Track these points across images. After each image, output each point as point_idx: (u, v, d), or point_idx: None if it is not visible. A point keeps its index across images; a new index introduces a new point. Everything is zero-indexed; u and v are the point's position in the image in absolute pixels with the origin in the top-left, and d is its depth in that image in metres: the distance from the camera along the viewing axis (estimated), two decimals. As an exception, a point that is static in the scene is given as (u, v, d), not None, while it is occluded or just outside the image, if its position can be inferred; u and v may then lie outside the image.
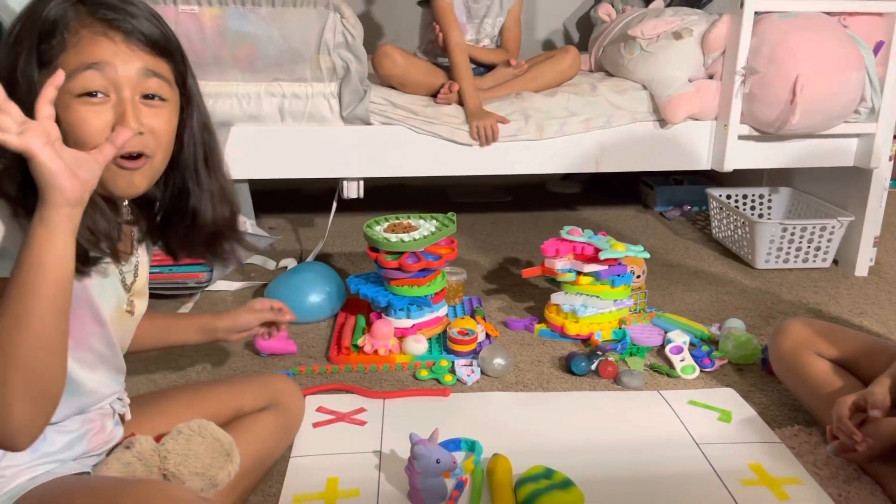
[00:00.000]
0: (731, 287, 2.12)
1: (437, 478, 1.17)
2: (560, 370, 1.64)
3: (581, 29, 3.20)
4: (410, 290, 1.69)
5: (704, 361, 1.64)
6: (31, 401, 0.79)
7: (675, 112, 2.12)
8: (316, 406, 1.46)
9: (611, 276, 1.73)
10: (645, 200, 2.96)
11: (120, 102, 0.85)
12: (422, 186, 3.10)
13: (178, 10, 1.89)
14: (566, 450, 1.33)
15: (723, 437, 1.39)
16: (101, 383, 0.99)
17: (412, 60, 2.17)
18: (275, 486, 1.23)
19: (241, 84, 2.00)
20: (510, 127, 2.10)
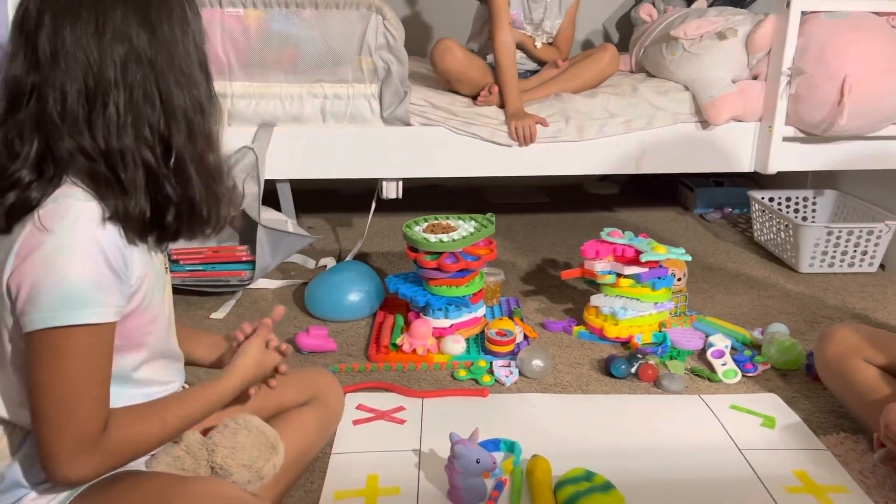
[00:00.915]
0: (774, 291, 2.09)
1: (477, 478, 1.18)
2: (599, 373, 1.63)
3: (621, 29, 3.17)
4: (449, 291, 1.70)
5: (747, 366, 1.62)
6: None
7: (719, 113, 2.09)
8: (356, 404, 1.47)
9: (651, 278, 1.72)
10: (685, 202, 2.93)
11: None
12: (458, 187, 3.10)
13: (223, 13, 1.92)
14: (606, 452, 1.33)
15: (766, 443, 1.37)
16: (163, 374, 1.02)
17: (471, 57, 2.18)
18: (316, 481, 1.24)
19: (283, 85, 2.03)
20: (550, 128, 2.10)
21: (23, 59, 0.82)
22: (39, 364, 0.82)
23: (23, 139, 0.83)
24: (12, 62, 0.83)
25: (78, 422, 0.82)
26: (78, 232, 0.82)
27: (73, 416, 0.82)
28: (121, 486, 0.90)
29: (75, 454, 0.83)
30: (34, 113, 0.82)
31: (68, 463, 0.83)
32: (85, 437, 0.83)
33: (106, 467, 0.87)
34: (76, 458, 0.83)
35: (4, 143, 0.84)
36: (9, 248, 0.83)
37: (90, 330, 0.82)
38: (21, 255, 0.81)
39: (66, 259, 0.80)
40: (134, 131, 0.84)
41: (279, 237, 2.02)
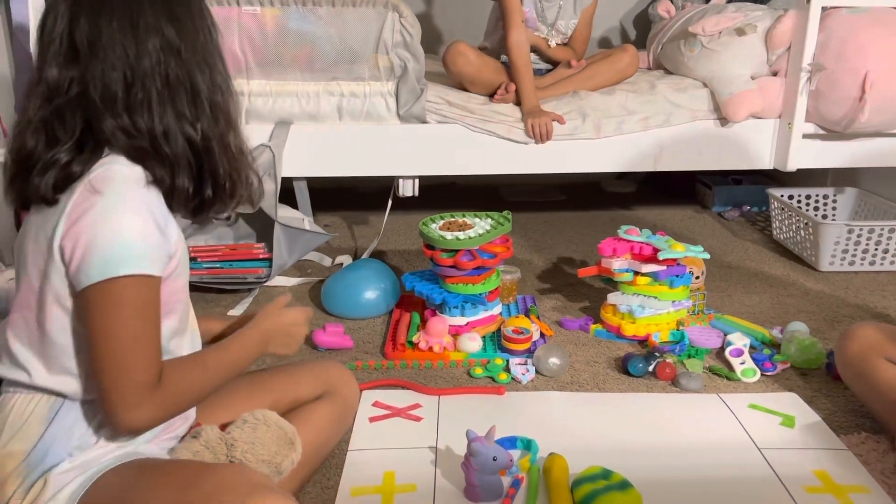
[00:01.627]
0: (794, 290, 2.07)
1: (494, 475, 1.17)
2: (616, 371, 1.62)
3: (638, 26, 3.16)
4: (465, 288, 1.69)
5: (766, 365, 1.60)
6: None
7: (737, 110, 2.08)
8: (372, 401, 1.47)
9: (669, 276, 1.71)
10: (702, 200, 2.91)
11: None
12: (474, 185, 3.10)
13: (240, 11, 1.93)
14: (623, 451, 1.32)
15: (786, 443, 1.35)
16: (189, 350, 1.05)
17: (484, 59, 2.18)
18: (332, 478, 1.25)
19: (300, 83, 2.04)
20: (567, 126, 2.09)
21: (59, 59, 0.90)
22: (98, 316, 0.88)
23: (64, 124, 0.90)
24: (47, 66, 0.90)
25: (136, 370, 0.89)
26: (126, 192, 0.89)
27: (132, 365, 0.88)
28: (147, 471, 0.92)
29: (136, 402, 0.88)
30: (75, 99, 0.90)
31: (130, 410, 0.88)
32: (143, 385, 0.89)
33: (163, 414, 0.93)
34: (137, 406, 0.89)
35: (45, 130, 0.90)
36: (59, 213, 0.89)
37: (143, 280, 0.89)
38: (73, 217, 0.88)
39: (118, 216, 0.87)
40: (173, 111, 0.93)
41: (296, 235, 2.03)
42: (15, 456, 0.91)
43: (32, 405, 0.93)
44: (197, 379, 0.97)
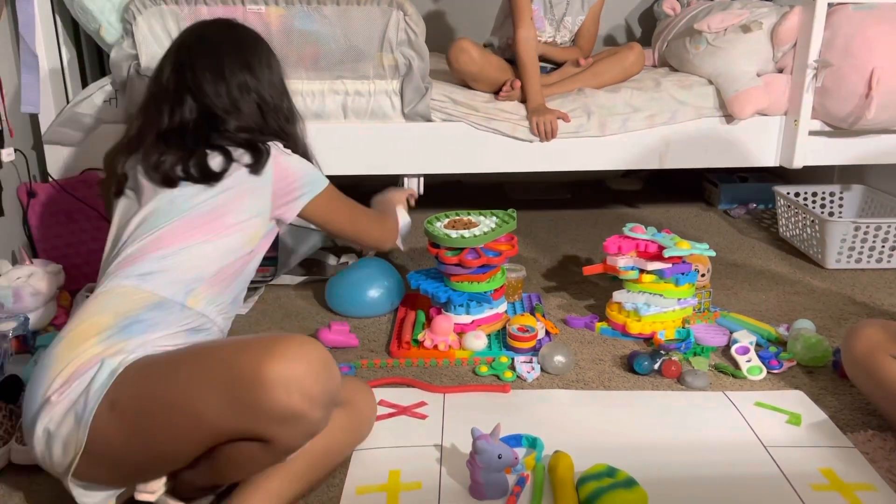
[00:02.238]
0: (800, 287, 2.06)
1: (499, 473, 1.17)
2: (622, 369, 1.62)
3: (643, 24, 3.15)
4: (470, 287, 1.69)
5: (772, 363, 1.60)
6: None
7: (743, 107, 2.07)
8: (378, 399, 1.47)
9: (675, 274, 1.70)
10: (708, 198, 2.90)
11: None
12: (479, 183, 3.10)
13: (245, 10, 1.93)
14: (629, 449, 1.32)
15: (792, 441, 1.35)
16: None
17: (488, 57, 2.17)
18: (338, 476, 1.25)
19: (305, 82, 2.04)
20: (572, 123, 2.09)
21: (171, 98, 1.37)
22: (331, 214, 1.51)
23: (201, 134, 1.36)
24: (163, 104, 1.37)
25: (370, 232, 1.66)
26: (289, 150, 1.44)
27: (368, 231, 1.64)
28: (184, 347, 1.13)
29: (381, 242, 1.71)
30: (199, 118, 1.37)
31: (382, 244, 1.72)
32: (378, 237, 1.69)
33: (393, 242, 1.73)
34: (383, 243, 1.71)
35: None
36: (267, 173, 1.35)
37: (331, 187, 1.47)
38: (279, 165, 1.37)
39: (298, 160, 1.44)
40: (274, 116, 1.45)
41: (301, 234, 2.03)
42: (109, 320, 1.12)
43: (138, 294, 1.17)
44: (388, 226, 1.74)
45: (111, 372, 1.05)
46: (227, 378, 1.01)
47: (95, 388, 1.04)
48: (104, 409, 1.03)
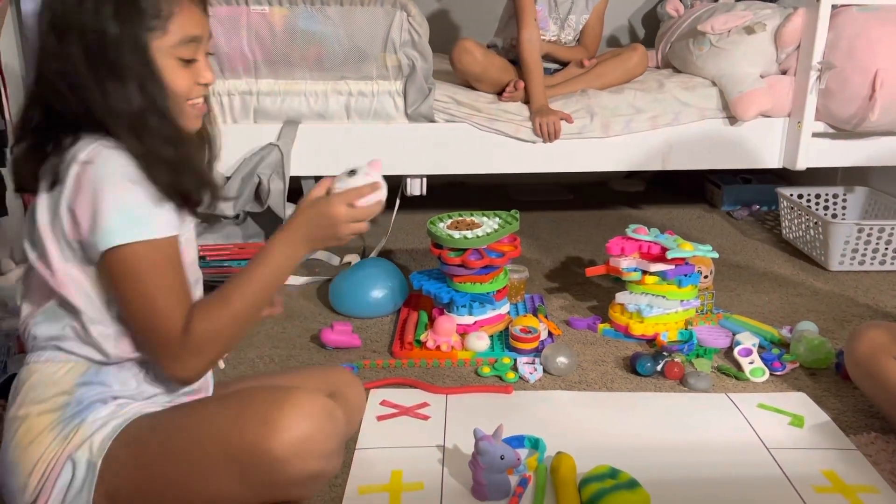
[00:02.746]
0: (803, 289, 2.06)
1: (501, 474, 1.17)
2: (624, 370, 1.62)
3: (647, 25, 3.15)
4: (473, 287, 1.69)
5: (774, 364, 1.60)
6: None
7: (747, 109, 2.07)
8: (380, 400, 1.48)
9: (678, 275, 1.70)
10: (711, 200, 2.90)
11: (201, 59, 1.01)
12: (482, 184, 3.10)
13: (249, 10, 1.93)
14: (631, 450, 1.32)
15: (795, 443, 1.35)
16: None
17: (491, 57, 2.17)
18: (340, 476, 1.25)
19: (308, 82, 2.04)
20: (575, 124, 2.09)
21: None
22: (115, 284, 0.95)
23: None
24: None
25: (159, 331, 0.95)
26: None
27: (154, 326, 0.95)
28: (178, 408, 1.02)
29: (174, 354, 0.96)
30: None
31: (173, 363, 0.97)
32: (171, 342, 0.95)
33: (204, 360, 0.99)
34: (177, 358, 0.96)
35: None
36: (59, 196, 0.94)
37: (147, 245, 0.93)
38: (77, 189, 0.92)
39: (110, 187, 0.92)
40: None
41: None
42: (51, 413, 0.97)
43: (64, 370, 0.99)
44: (220, 316, 0.97)
45: (88, 467, 0.95)
46: (235, 457, 0.94)
47: (77, 491, 0.95)
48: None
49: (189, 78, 0.99)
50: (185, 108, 1.00)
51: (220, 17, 1.94)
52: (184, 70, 0.98)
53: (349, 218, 1.01)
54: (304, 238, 1.02)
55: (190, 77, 0.99)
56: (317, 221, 1.01)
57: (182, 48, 0.97)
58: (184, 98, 0.99)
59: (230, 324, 0.98)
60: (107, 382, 0.99)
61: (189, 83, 0.99)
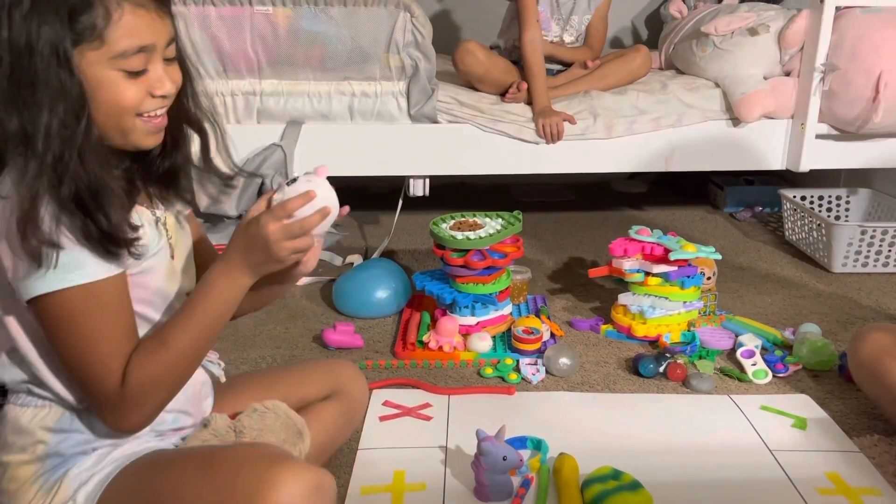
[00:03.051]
0: (806, 291, 2.06)
1: (504, 475, 1.17)
2: (627, 371, 1.62)
3: (650, 26, 3.15)
4: (475, 288, 1.69)
5: (777, 366, 1.59)
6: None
7: (750, 110, 2.07)
8: (382, 400, 1.48)
9: (681, 277, 1.70)
10: (714, 201, 2.89)
11: (155, 68, 0.87)
12: (484, 185, 3.10)
13: (253, 11, 1.94)
14: (634, 452, 1.32)
15: (798, 445, 1.35)
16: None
17: (493, 58, 2.18)
18: (343, 476, 1.25)
19: (312, 83, 2.04)
20: (578, 126, 2.09)
21: None
22: (46, 332, 0.85)
23: None
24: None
25: (94, 381, 0.86)
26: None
27: (89, 377, 0.86)
28: (164, 461, 0.93)
29: (112, 406, 0.86)
30: None
31: (108, 419, 0.88)
32: (108, 394, 0.86)
33: (145, 411, 0.89)
34: (114, 409, 0.87)
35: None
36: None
37: (77, 291, 0.82)
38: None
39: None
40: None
41: (307, 234, 2.03)
42: (32, 464, 0.91)
43: (40, 416, 0.92)
44: (157, 363, 0.87)
45: None
46: None
47: None
48: None
49: (139, 90, 0.85)
50: (134, 124, 0.87)
51: (223, 16, 1.95)
52: (130, 82, 0.85)
53: (284, 236, 0.89)
54: (243, 264, 0.91)
55: (140, 89, 0.85)
56: (251, 244, 0.90)
57: (126, 60, 0.83)
58: (131, 113, 0.86)
59: (169, 370, 0.89)
60: (83, 429, 0.92)
61: (138, 96, 0.86)
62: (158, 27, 0.85)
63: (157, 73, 0.87)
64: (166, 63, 0.89)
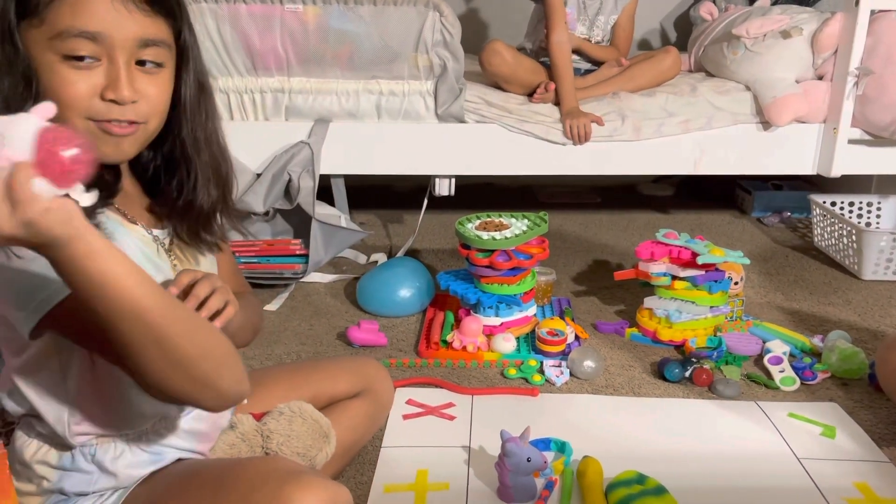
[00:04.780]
0: (835, 298, 2.03)
1: (528, 476, 1.17)
2: (652, 376, 1.60)
3: (678, 28, 3.12)
4: (500, 289, 1.69)
5: (806, 374, 1.57)
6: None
7: (781, 114, 2.04)
8: (406, 398, 1.48)
9: (708, 281, 1.68)
10: (741, 205, 2.86)
11: (113, 68, 0.77)
12: (509, 185, 3.10)
13: (283, 9, 1.95)
14: (659, 456, 1.31)
15: (826, 454, 1.33)
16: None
17: (520, 58, 2.17)
18: (366, 474, 1.25)
19: (340, 81, 2.05)
20: (606, 127, 2.07)
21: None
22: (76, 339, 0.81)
23: None
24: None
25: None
26: None
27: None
28: (177, 478, 0.91)
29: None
30: None
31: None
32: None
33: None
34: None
35: None
36: None
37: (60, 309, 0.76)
38: None
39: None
40: None
41: (332, 232, 2.04)
42: (39, 497, 0.91)
43: (43, 451, 0.90)
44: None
45: None
46: None
47: None
48: None
49: (86, 87, 0.76)
50: (87, 127, 0.77)
51: (254, 14, 1.96)
52: (74, 73, 0.76)
53: None
54: None
55: (87, 86, 0.76)
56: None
57: (64, 43, 0.74)
58: (78, 113, 0.76)
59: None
60: (85, 469, 0.89)
61: (84, 93, 0.76)
62: (121, 20, 0.76)
63: (111, 71, 0.77)
64: (139, 68, 0.79)
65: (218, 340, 0.79)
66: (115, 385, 0.86)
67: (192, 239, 0.94)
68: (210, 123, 0.91)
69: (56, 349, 0.84)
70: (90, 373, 0.86)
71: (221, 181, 0.93)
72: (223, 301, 0.85)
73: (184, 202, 0.90)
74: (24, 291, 0.75)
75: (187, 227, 0.92)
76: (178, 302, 0.77)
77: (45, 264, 0.67)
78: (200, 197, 0.91)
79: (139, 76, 0.79)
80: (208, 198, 0.91)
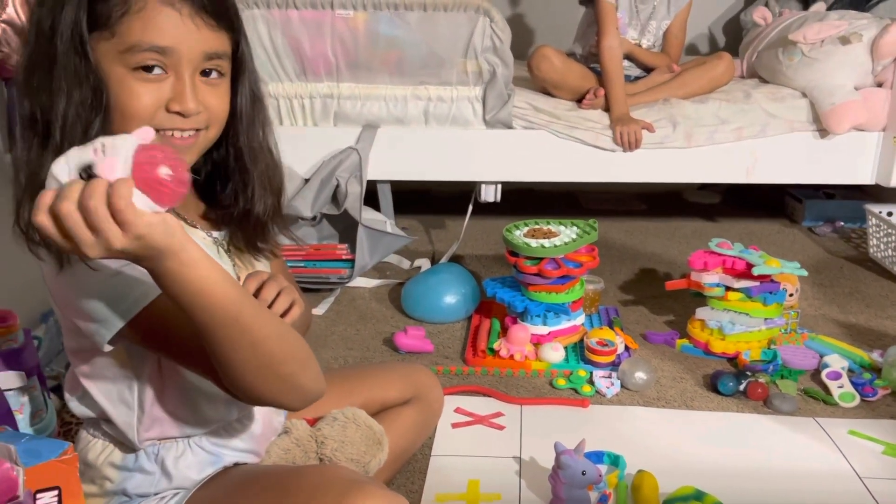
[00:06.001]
0: (893, 311, 1.97)
1: (582, 489, 1.15)
2: (704, 388, 1.57)
3: (728, 33, 3.07)
4: (548, 297, 1.67)
5: (866, 390, 1.52)
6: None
7: (840, 122, 1.99)
8: (454, 406, 1.47)
9: (763, 293, 1.64)
10: (791, 214, 2.80)
11: (179, 81, 0.79)
12: (551, 190, 3.07)
13: (334, 14, 1.96)
14: (715, 472, 1.27)
15: (889, 473, 1.28)
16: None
17: (569, 64, 2.15)
18: (417, 482, 1.25)
19: (388, 87, 2.06)
20: (657, 134, 2.04)
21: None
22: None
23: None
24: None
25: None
26: None
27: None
28: (237, 483, 0.92)
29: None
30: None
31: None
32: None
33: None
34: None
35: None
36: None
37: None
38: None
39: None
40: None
41: (378, 237, 2.04)
42: (102, 497, 0.92)
43: (106, 452, 0.92)
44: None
45: None
46: None
47: None
48: None
49: (153, 99, 0.78)
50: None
51: (305, 20, 1.97)
52: (143, 86, 0.77)
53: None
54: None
55: (154, 98, 0.78)
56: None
57: (134, 56, 0.76)
58: (142, 124, 0.75)
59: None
60: (147, 470, 0.91)
61: (151, 105, 0.78)
62: (189, 34, 0.78)
63: (178, 84, 0.79)
64: (202, 79, 0.81)
65: (299, 341, 0.81)
66: (182, 392, 0.88)
67: (249, 247, 0.95)
68: (264, 132, 0.92)
69: (128, 357, 0.86)
70: (158, 380, 0.88)
71: (276, 190, 0.94)
72: (289, 301, 0.87)
73: (241, 212, 0.92)
74: (103, 303, 0.77)
75: (243, 236, 0.94)
76: (264, 306, 0.80)
77: (122, 277, 0.73)
78: (258, 207, 0.92)
79: (202, 87, 0.82)
80: (264, 207, 0.92)
